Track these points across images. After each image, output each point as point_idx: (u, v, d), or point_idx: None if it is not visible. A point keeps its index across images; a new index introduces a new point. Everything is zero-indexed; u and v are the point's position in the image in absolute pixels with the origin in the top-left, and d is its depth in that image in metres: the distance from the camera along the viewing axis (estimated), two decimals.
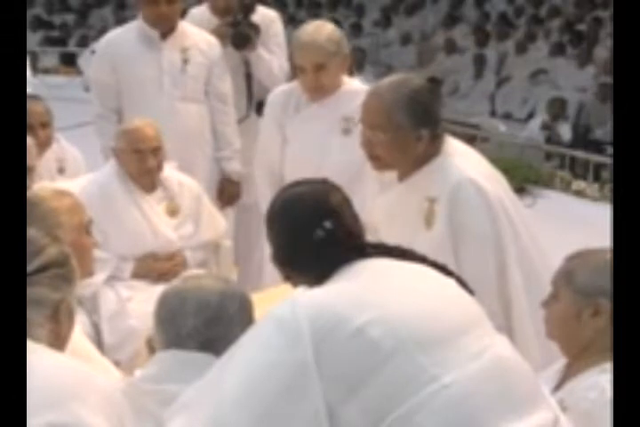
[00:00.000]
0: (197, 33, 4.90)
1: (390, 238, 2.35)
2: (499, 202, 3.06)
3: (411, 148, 3.03)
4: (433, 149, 3.06)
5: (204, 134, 4.86)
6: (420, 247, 2.28)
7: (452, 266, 2.73)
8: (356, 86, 4.17)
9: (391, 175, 3.20)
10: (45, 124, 4.42)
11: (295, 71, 4.18)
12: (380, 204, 3.25)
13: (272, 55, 4.99)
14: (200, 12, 5.17)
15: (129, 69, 4.75)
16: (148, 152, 4.02)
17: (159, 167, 4.08)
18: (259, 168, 4.39)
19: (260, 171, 4.37)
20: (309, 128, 4.16)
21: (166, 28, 4.76)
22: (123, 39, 4.83)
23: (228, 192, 4.94)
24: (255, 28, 4.93)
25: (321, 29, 4.09)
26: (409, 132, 3.01)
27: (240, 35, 4.91)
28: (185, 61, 4.78)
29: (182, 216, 4.17)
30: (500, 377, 1.96)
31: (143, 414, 2.08)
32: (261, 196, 4.31)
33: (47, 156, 4.46)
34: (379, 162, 3.12)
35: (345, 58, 4.10)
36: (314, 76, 4.05)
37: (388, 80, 3.12)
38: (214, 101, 4.86)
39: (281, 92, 4.30)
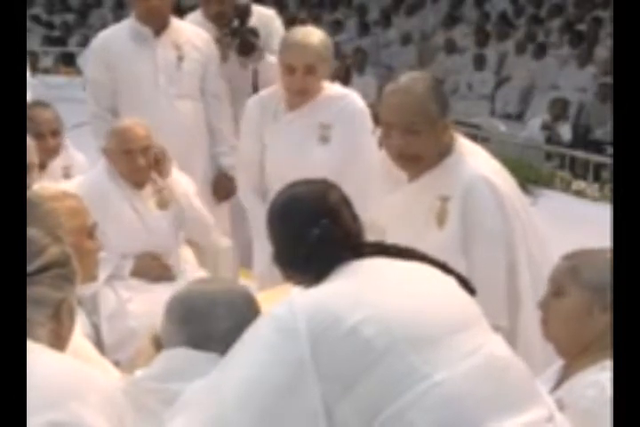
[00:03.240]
0: (191, 29, 4.89)
1: (399, 238, 2.34)
2: (510, 200, 3.06)
3: (440, 138, 3.03)
4: (449, 144, 3.06)
5: (200, 131, 4.86)
6: (431, 246, 2.28)
7: (463, 265, 2.74)
8: (334, 91, 4.15)
9: (396, 175, 3.19)
10: (55, 132, 4.41)
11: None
12: (387, 204, 3.23)
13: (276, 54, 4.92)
14: (195, 17, 5.13)
15: (124, 68, 4.74)
16: (137, 152, 4.01)
17: (149, 166, 4.07)
18: (241, 175, 4.36)
19: (242, 178, 4.35)
20: (287, 136, 4.13)
21: (159, 25, 4.74)
22: (116, 37, 4.82)
23: (223, 187, 4.94)
24: (255, 34, 4.88)
25: (314, 32, 4.07)
26: (439, 121, 3.01)
27: (245, 43, 4.82)
28: (180, 58, 4.77)
29: (172, 207, 4.16)
30: (492, 375, 1.97)
31: (145, 413, 2.08)
32: (245, 204, 4.30)
33: (54, 162, 4.45)
34: (413, 162, 3.07)
35: (330, 66, 4.08)
36: (303, 77, 4.00)
37: (402, 79, 3.08)
38: (209, 98, 4.86)
39: (259, 98, 4.27)
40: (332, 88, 4.16)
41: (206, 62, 4.82)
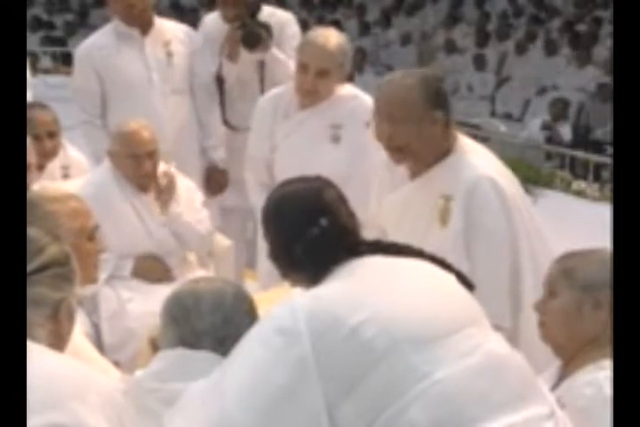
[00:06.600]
0: (174, 25, 4.92)
1: (401, 236, 2.34)
2: (513, 200, 3.06)
3: (428, 132, 3.00)
4: (448, 142, 3.05)
5: (193, 125, 4.86)
6: (433, 245, 2.27)
7: (465, 264, 2.73)
8: (346, 92, 4.16)
9: (401, 174, 3.19)
10: (52, 134, 4.38)
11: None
12: (389, 202, 3.23)
13: (288, 57, 4.79)
14: (213, 19, 5.11)
15: (114, 70, 4.73)
16: (144, 156, 3.98)
17: (155, 170, 4.05)
18: (248, 172, 4.37)
19: (250, 175, 4.36)
20: (298, 135, 4.14)
21: (145, 24, 4.75)
22: (101, 42, 4.80)
23: (215, 180, 4.93)
24: (265, 28, 4.79)
25: (335, 36, 4.08)
26: (423, 114, 2.98)
27: (250, 33, 4.77)
28: (169, 54, 4.78)
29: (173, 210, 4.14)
30: (491, 374, 1.97)
31: (146, 413, 2.08)
32: (254, 199, 4.30)
33: (52, 163, 4.44)
34: (400, 153, 3.05)
35: (345, 71, 4.09)
36: (314, 79, 4.02)
37: (398, 73, 3.11)
38: (197, 90, 4.86)
39: (271, 96, 4.27)
40: (344, 88, 4.17)
41: (193, 54, 4.83)
